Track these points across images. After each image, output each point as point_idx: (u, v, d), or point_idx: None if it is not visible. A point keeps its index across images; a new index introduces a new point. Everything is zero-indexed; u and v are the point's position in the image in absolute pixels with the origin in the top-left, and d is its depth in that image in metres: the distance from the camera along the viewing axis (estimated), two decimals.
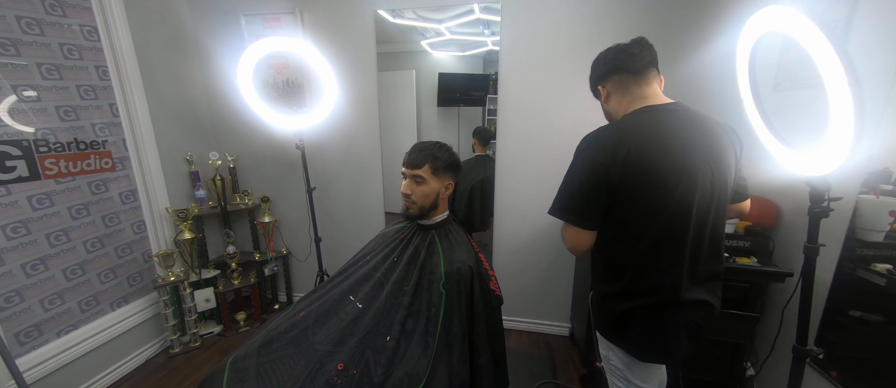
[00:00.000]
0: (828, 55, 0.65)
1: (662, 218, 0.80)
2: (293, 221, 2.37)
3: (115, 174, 1.79)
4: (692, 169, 0.80)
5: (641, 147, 0.78)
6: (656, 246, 0.82)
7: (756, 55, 1.00)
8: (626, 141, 0.79)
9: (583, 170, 0.83)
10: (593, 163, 0.80)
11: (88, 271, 1.69)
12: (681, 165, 0.79)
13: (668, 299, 0.85)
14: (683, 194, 0.79)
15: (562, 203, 0.87)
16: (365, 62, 2.06)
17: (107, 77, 1.73)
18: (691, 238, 0.82)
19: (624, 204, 0.81)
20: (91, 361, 1.69)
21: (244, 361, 0.87)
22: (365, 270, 1.05)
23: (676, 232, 0.82)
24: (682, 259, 0.83)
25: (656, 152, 0.79)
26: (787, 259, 1.33)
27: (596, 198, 0.82)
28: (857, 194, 1.08)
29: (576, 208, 0.84)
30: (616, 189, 0.80)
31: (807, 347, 0.97)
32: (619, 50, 0.90)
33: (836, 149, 0.71)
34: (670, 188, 0.79)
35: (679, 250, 0.83)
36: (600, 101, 0.98)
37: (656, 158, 0.79)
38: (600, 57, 0.95)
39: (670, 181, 0.79)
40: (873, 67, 1.01)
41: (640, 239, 0.83)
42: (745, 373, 1.45)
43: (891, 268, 1.05)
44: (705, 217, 0.83)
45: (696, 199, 0.80)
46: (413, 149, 1.02)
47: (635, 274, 0.86)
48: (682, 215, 0.81)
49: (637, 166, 0.78)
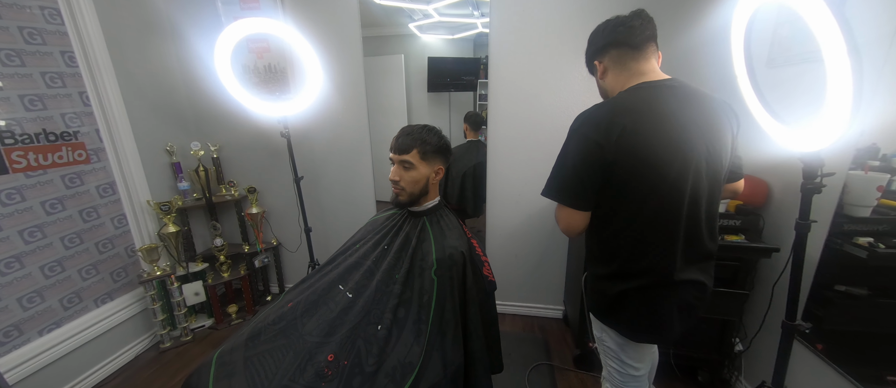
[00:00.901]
0: (826, 22, 0.63)
1: (657, 198, 0.79)
2: (282, 211, 2.32)
3: (91, 167, 1.71)
4: (687, 148, 0.78)
5: (636, 125, 0.76)
6: (650, 226, 0.81)
7: (751, 30, 0.98)
8: (620, 119, 0.76)
9: (576, 149, 0.80)
10: (587, 142, 0.78)
11: (68, 268, 1.63)
12: (676, 144, 0.77)
13: (662, 280, 0.84)
14: (678, 174, 0.77)
15: (555, 184, 0.85)
16: (350, 45, 1.98)
17: (74, 63, 1.63)
18: (685, 218, 0.81)
19: (618, 184, 0.79)
20: (77, 358, 1.65)
21: (231, 354, 0.84)
22: (355, 258, 1.02)
23: (671, 212, 0.80)
24: (675, 239, 0.82)
25: (652, 131, 0.77)
26: (776, 237, 1.34)
27: (590, 178, 0.79)
28: (847, 170, 1.08)
29: (569, 188, 0.82)
30: (610, 169, 0.77)
31: (796, 322, 0.98)
32: (619, 22, 0.85)
33: (833, 122, 0.69)
34: (665, 168, 0.77)
35: (673, 230, 0.81)
36: (596, 77, 0.94)
37: (651, 137, 0.76)
38: (599, 30, 0.90)
39: (665, 161, 0.77)
40: (867, 37, 1.00)
41: (634, 219, 0.82)
42: (734, 349, 1.49)
43: (872, 241, 1.07)
44: (699, 197, 0.82)
45: (691, 178, 0.79)
46: (400, 133, 0.98)
47: (629, 255, 0.85)
48: (676, 195, 0.79)
49: (631, 145, 0.76)
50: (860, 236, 1.09)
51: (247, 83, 2.04)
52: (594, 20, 0.92)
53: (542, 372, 1.72)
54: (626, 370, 1.00)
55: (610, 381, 1.07)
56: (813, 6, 0.65)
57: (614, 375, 1.03)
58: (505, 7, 1.77)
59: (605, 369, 1.09)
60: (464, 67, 3.87)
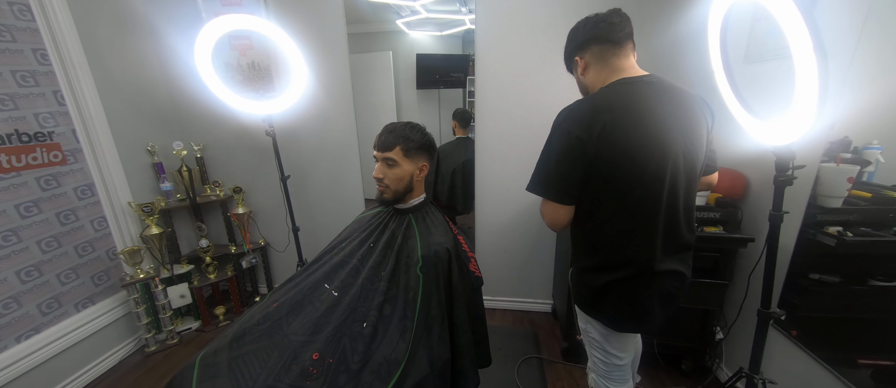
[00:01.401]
0: (794, 19, 0.65)
1: (637, 191, 0.81)
2: (269, 211, 2.29)
3: (68, 168, 1.66)
4: (665, 142, 0.80)
5: (617, 120, 0.78)
6: (632, 219, 0.83)
7: (727, 26, 1.00)
8: (601, 115, 0.78)
9: (559, 145, 0.82)
10: (569, 137, 0.80)
11: (46, 273, 1.58)
12: (654, 138, 0.79)
13: (643, 271, 0.86)
14: (657, 167, 0.80)
15: (539, 179, 0.87)
16: (336, 42, 1.95)
17: (47, 61, 1.57)
18: (664, 210, 0.83)
19: (600, 178, 0.81)
20: (58, 364, 1.61)
21: (215, 356, 0.83)
22: (340, 256, 1.02)
23: (650, 205, 0.83)
24: (655, 231, 0.84)
25: (631, 126, 0.79)
26: (754, 228, 1.38)
27: (572, 172, 0.81)
28: (819, 162, 1.12)
29: (553, 183, 0.84)
30: (592, 163, 0.79)
31: (770, 309, 1.02)
32: (599, 19, 0.87)
33: (801, 116, 0.72)
34: (644, 161, 0.79)
35: (653, 222, 0.84)
36: (576, 73, 0.95)
37: (631, 132, 0.79)
38: (579, 26, 0.92)
39: (644, 154, 0.79)
40: (837, 30, 1.03)
41: (615, 213, 0.84)
42: (715, 337, 1.53)
43: (840, 230, 1.11)
44: (677, 189, 0.84)
45: (669, 171, 0.81)
46: (383, 130, 0.97)
47: (612, 248, 0.87)
48: (655, 188, 0.81)
49: (612, 140, 0.78)
50: (830, 225, 1.13)
51: (230, 81, 2.00)
52: (578, 17, 0.94)
53: (532, 365, 1.75)
54: (610, 359, 1.03)
55: (595, 371, 1.09)
56: (781, 4, 0.67)
57: (599, 365, 1.06)
58: (491, 3, 1.77)
59: (591, 359, 1.12)
60: (453, 64, 3.85)
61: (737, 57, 1.38)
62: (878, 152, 1.09)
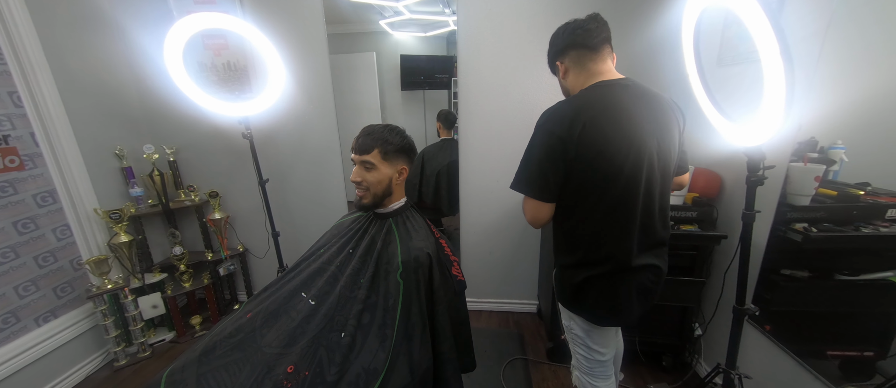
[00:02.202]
0: (761, 25, 0.66)
1: (614, 189, 0.84)
2: (248, 216, 2.22)
3: (26, 173, 1.56)
4: (640, 142, 0.83)
5: (595, 120, 0.81)
6: (609, 216, 0.87)
7: (700, 30, 1.02)
8: (581, 115, 0.81)
9: (541, 144, 0.85)
10: (551, 137, 0.83)
11: (2, 286, 1.48)
12: (630, 138, 0.83)
13: (621, 266, 0.90)
14: (633, 166, 0.83)
15: (522, 177, 0.89)
16: (315, 42, 1.91)
17: (1, 60, 1.47)
18: (641, 207, 0.87)
19: (579, 176, 0.84)
20: (18, 382, 1.51)
21: (183, 372, 0.79)
22: (318, 264, 0.99)
23: (627, 202, 0.86)
24: (632, 228, 0.88)
25: (609, 126, 0.82)
26: (729, 226, 1.42)
27: (553, 171, 0.84)
28: (788, 162, 1.15)
29: (534, 181, 0.87)
30: (572, 162, 0.83)
31: (745, 306, 1.04)
32: (577, 26, 0.91)
33: (770, 117, 0.74)
34: (621, 160, 0.82)
35: (630, 219, 0.87)
36: (558, 77, 1.00)
37: (609, 132, 0.82)
38: (558, 33, 0.96)
39: (621, 153, 0.82)
40: (803, 35, 1.07)
41: (594, 210, 0.87)
42: (694, 334, 1.57)
43: (806, 226, 1.16)
44: (652, 187, 0.88)
45: (645, 170, 0.84)
46: (361, 133, 0.95)
47: (591, 244, 0.91)
48: (631, 186, 0.85)
49: (591, 139, 0.81)
50: (799, 222, 1.18)
51: (203, 82, 1.93)
52: (560, 18, 0.97)
53: (517, 366, 1.75)
54: (593, 355, 1.06)
55: (578, 368, 1.12)
56: (749, 9, 0.69)
57: (582, 361, 1.09)
58: (472, 4, 1.76)
59: (574, 357, 1.15)
60: (437, 65, 3.83)
61: (710, 60, 1.42)
62: (843, 152, 1.13)
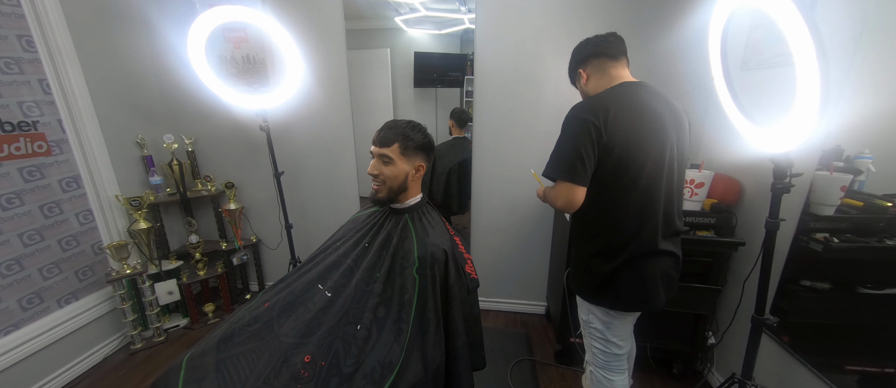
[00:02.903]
0: (797, 27, 0.65)
1: (642, 175, 0.90)
2: (262, 207, 2.25)
3: (53, 159, 1.61)
4: (663, 133, 0.92)
5: (623, 110, 0.90)
6: (637, 201, 0.92)
7: (727, 33, 1.00)
8: (610, 105, 0.90)
9: (576, 130, 0.90)
10: (585, 123, 0.89)
11: (28, 267, 1.53)
12: (655, 128, 0.91)
13: (647, 250, 0.95)
14: (658, 154, 0.91)
15: (557, 163, 0.94)
16: (333, 37, 1.92)
17: (33, 48, 1.52)
18: (664, 195, 0.94)
19: (609, 163, 0.90)
20: (39, 362, 1.56)
21: (202, 357, 0.81)
22: (334, 257, 1.00)
23: (653, 187, 0.92)
24: (657, 213, 0.94)
25: (635, 116, 0.91)
26: (748, 234, 1.39)
27: (588, 154, 0.90)
28: (814, 170, 1.13)
29: (569, 164, 0.91)
30: (606, 148, 0.89)
31: (764, 316, 1.02)
32: (600, 39, 1.03)
33: (802, 124, 0.72)
34: (647, 147, 0.90)
35: (655, 203, 0.93)
36: (579, 84, 1.09)
37: (635, 121, 0.90)
38: (581, 45, 1.07)
39: (647, 141, 0.90)
40: (833, 41, 1.04)
41: (622, 196, 0.93)
42: (707, 342, 1.54)
43: (827, 236, 1.14)
44: (673, 176, 0.96)
45: (667, 159, 0.92)
46: (384, 126, 0.96)
47: (616, 230, 0.96)
48: (656, 172, 0.92)
49: (620, 126, 0.88)
50: (820, 232, 1.15)
51: (223, 74, 1.96)
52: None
53: (524, 367, 1.74)
54: (610, 349, 1.09)
55: (594, 363, 1.14)
56: (785, 11, 0.67)
57: (599, 356, 1.12)
58: (491, 3, 1.75)
59: (589, 352, 1.16)
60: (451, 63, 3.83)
61: (734, 64, 1.39)
62: (870, 162, 1.10)
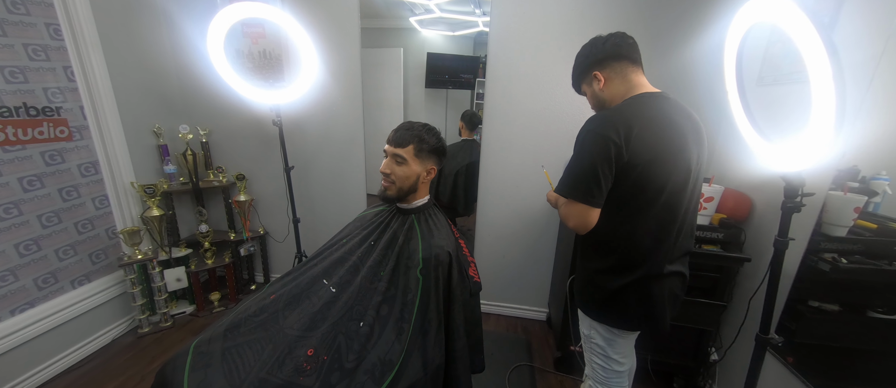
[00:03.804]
0: (815, 46, 0.64)
1: (661, 196, 0.86)
2: (270, 200, 2.29)
3: (73, 144, 1.66)
4: (687, 152, 0.87)
5: (647, 127, 0.83)
6: (653, 222, 0.88)
7: (744, 47, 0.99)
8: (632, 122, 0.82)
9: (594, 148, 0.84)
10: (605, 141, 0.82)
11: (45, 248, 1.59)
12: (678, 147, 0.86)
13: (655, 272, 0.90)
14: (679, 175, 0.86)
15: (571, 181, 0.89)
16: (348, 35, 1.95)
17: (59, 36, 1.57)
18: (681, 216, 0.89)
19: (628, 182, 0.85)
20: (51, 340, 1.61)
21: (209, 345, 0.83)
22: (340, 253, 1.01)
23: (672, 210, 0.88)
24: (672, 235, 0.89)
25: (659, 134, 0.84)
26: (756, 251, 1.37)
27: (605, 175, 0.84)
28: (827, 190, 1.11)
29: (585, 185, 0.86)
30: (625, 167, 0.83)
31: (769, 335, 1.01)
32: (619, 39, 0.93)
33: (816, 143, 0.71)
34: (670, 168, 0.85)
35: (671, 226, 0.89)
36: (593, 87, 0.98)
37: (658, 139, 0.84)
38: (595, 44, 0.96)
39: (670, 161, 0.85)
40: (853, 60, 1.02)
41: (638, 215, 0.88)
42: (710, 358, 1.52)
43: (835, 256, 1.12)
44: (693, 197, 0.92)
45: (691, 180, 0.88)
46: (400, 127, 0.97)
47: (628, 249, 0.91)
48: (676, 194, 0.87)
49: (643, 145, 0.82)
50: (830, 253, 1.13)
51: (240, 68, 2.00)
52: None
53: (523, 373, 1.74)
54: (611, 365, 1.05)
55: (594, 378, 1.12)
56: (801, 28, 0.67)
57: (599, 371, 1.09)
58: (507, 7, 1.76)
59: (589, 366, 1.14)
60: (463, 65, 3.84)
61: (750, 79, 1.37)
62: (886, 183, 1.08)
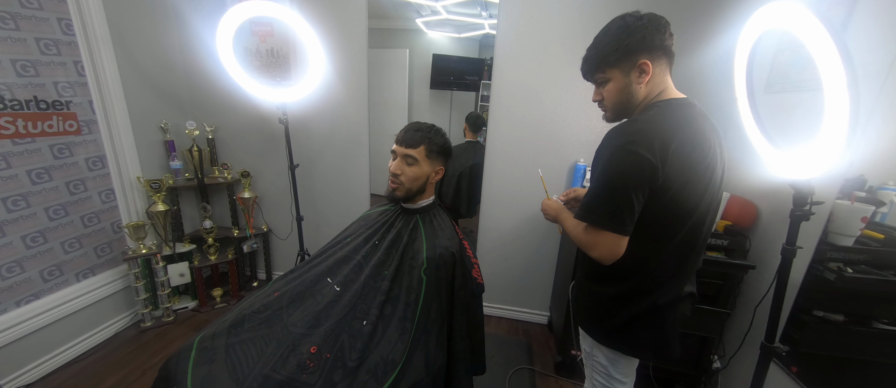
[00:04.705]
0: (830, 53, 0.64)
1: (690, 220, 0.78)
2: (275, 197, 2.30)
3: (81, 138, 1.67)
4: (712, 171, 0.78)
5: (684, 145, 0.73)
6: (675, 246, 0.80)
7: (755, 54, 0.99)
8: (670, 139, 0.72)
9: (628, 169, 0.72)
10: (641, 161, 0.71)
11: (51, 240, 1.60)
12: (706, 166, 0.77)
13: (673, 298, 0.85)
14: (709, 194, 0.78)
15: (602, 207, 0.76)
16: (355, 36, 1.96)
17: (71, 31, 1.59)
18: (703, 237, 0.82)
19: (656, 205, 0.75)
20: (55, 332, 1.62)
21: (213, 340, 0.83)
22: (345, 252, 1.02)
23: (696, 233, 0.80)
24: (689, 258, 0.83)
25: (694, 153, 0.75)
26: (761, 259, 1.36)
27: (639, 199, 0.73)
28: (834, 199, 1.10)
29: (617, 212, 0.74)
30: (656, 190, 0.73)
31: (774, 344, 1.00)
32: (668, 30, 0.78)
33: (827, 151, 0.71)
34: (701, 191, 0.77)
35: (691, 249, 0.82)
36: (631, 78, 0.81)
37: (694, 159, 0.75)
38: (653, 22, 0.77)
39: (702, 184, 0.77)
40: (866, 70, 1.02)
41: (662, 239, 0.79)
42: (712, 366, 1.51)
43: (840, 265, 1.10)
44: (712, 217, 0.84)
45: (714, 200, 0.81)
46: (409, 128, 0.98)
47: (645, 275, 0.83)
48: (701, 217, 0.79)
49: (680, 167, 0.73)
50: (835, 262, 1.12)
51: (247, 66, 2.01)
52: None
53: (523, 376, 1.73)
54: (613, 384, 1.01)
55: None
56: (816, 35, 0.66)
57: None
58: (513, 10, 1.76)
59: (589, 381, 1.09)
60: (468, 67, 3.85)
61: (758, 86, 1.37)
62: (894, 194, 1.07)
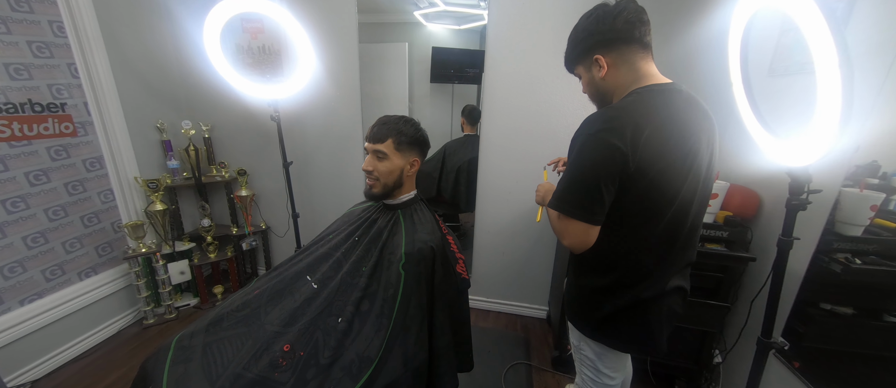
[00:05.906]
0: (820, 31, 0.59)
1: (668, 209, 0.76)
2: (272, 195, 2.31)
3: (78, 140, 1.70)
4: (696, 159, 0.76)
5: (658, 132, 0.70)
6: (655, 236, 0.78)
7: (750, 36, 0.93)
8: (642, 125, 0.69)
9: (597, 157, 0.71)
10: (609, 149, 0.69)
11: (52, 240, 1.63)
12: (689, 154, 0.74)
13: (657, 291, 0.83)
14: (691, 181, 0.76)
15: (570, 197, 0.75)
16: (346, 31, 1.93)
17: (63, 33, 1.61)
18: (688, 227, 0.80)
19: (632, 193, 0.73)
20: (59, 330, 1.67)
21: (191, 339, 0.83)
22: (325, 249, 1.01)
23: (677, 223, 0.78)
24: (675, 249, 0.81)
25: (671, 140, 0.72)
26: (763, 251, 1.30)
27: (609, 190, 0.72)
28: (840, 186, 1.04)
29: (586, 201, 0.73)
30: (630, 178, 0.71)
31: (772, 339, 0.96)
32: (633, 18, 0.75)
33: (820, 137, 0.66)
34: (681, 180, 0.74)
35: (675, 240, 0.80)
36: (592, 74, 0.82)
37: (670, 145, 0.72)
38: (604, 19, 0.77)
39: (682, 173, 0.74)
40: (869, 47, 0.95)
41: (640, 229, 0.78)
42: (713, 360, 1.47)
43: (848, 257, 1.04)
44: (700, 207, 0.82)
45: (699, 189, 0.78)
46: (377, 122, 0.95)
47: (628, 266, 0.81)
48: (683, 206, 0.77)
49: (654, 154, 0.70)
50: (843, 253, 1.06)
51: (239, 63, 2.01)
52: None
53: (520, 371, 1.71)
54: (601, 379, 1.00)
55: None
56: (806, 11, 0.61)
57: (588, 383, 1.03)
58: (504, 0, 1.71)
59: (579, 376, 1.08)
60: (469, 59, 3.78)
61: (760, 69, 1.30)
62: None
